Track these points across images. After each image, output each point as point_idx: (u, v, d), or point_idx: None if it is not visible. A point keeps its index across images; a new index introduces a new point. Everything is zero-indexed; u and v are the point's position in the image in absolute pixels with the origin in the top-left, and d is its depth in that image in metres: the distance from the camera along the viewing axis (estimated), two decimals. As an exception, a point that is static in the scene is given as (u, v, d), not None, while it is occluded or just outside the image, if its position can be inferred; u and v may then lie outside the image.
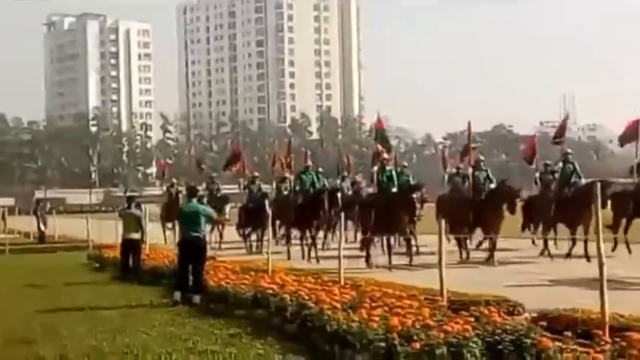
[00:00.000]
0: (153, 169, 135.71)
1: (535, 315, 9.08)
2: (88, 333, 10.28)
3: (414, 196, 18.63)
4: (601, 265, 7.95)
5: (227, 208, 25.45)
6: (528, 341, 7.43)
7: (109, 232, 22.10)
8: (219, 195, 27.33)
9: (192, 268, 13.22)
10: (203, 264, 13.47)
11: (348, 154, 34.38)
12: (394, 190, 19.11)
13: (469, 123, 22.48)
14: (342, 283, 11.97)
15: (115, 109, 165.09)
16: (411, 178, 22.54)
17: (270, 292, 11.06)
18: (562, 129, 21.82)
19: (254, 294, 11.41)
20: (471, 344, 7.27)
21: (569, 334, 7.28)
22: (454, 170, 22.60)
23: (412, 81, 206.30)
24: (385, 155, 20.26)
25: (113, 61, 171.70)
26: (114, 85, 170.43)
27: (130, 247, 17.15)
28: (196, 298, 12.77)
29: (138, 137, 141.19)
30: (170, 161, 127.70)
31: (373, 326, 7.88)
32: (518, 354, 7.45)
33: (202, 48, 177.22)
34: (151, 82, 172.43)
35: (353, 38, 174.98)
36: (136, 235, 17.24)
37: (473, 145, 22.04)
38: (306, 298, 10.03)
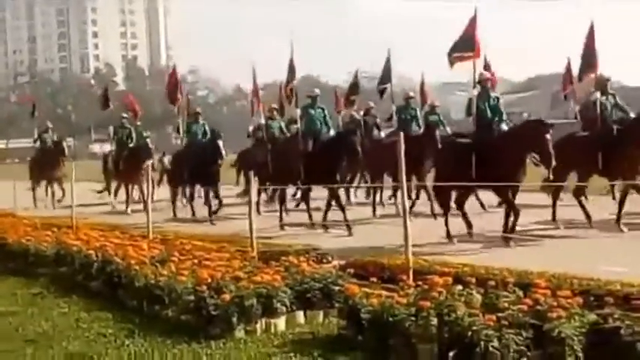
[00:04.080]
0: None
1: (343, 262, 9.27)
2: None
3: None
4: (405, 211, 8.19)
5: (148, 163, 19.06)
6: (336, 288, 7.63)
7: None
8: (132, 144, 21.83)
9: None
10: None
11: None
12: (503, 126, 13.22)
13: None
14: (151, 237, 11.72)
15: None
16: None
17: (75, 248, 10.63)
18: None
19: (57, 251, 10.93)
20: (280, 294, 7.34)
21: (375, 279, 7.47)
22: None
23: (221, 32, 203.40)
24: (487, 74, 13.96)
25: None
26: None
27: None
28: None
29: None
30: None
31: (182, 280, 7.75)
32: (327, 301, 7.64)
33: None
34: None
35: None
36: None
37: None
38: (113, 253, 9.72)
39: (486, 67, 16.13)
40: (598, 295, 6.79)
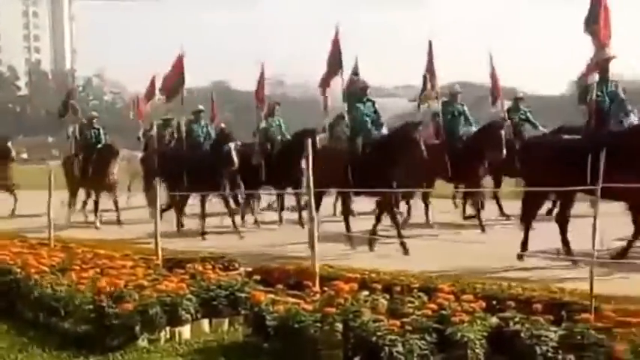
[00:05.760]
0: None
1: (250, 269, 9.20)
2: None
3: None
4: (312, 219, 8.19)
5: (114, 165, 17.98)
6: (242, 295, 7.56)
7: None
8: (100, 144, 18.99)
9: None
10: None
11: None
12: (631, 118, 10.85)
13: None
14: (52, 245, 11.39)
15: None
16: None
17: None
18: None
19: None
20: (185, 302, 7.22)
21: (281, 286, 7.43)
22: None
23: (127, 37, 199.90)
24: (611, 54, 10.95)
25: None
26: None
27: None
28: None
29: None
30: None
31: (81, 289, 7.53)
32: (233, 308, 7.57)
33: None
34: None
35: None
36: None
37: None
38: (12, 262, 9.38)
39: None
40: (500, 299, 6.91)
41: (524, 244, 10.78)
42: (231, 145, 15.02)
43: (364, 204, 14.90)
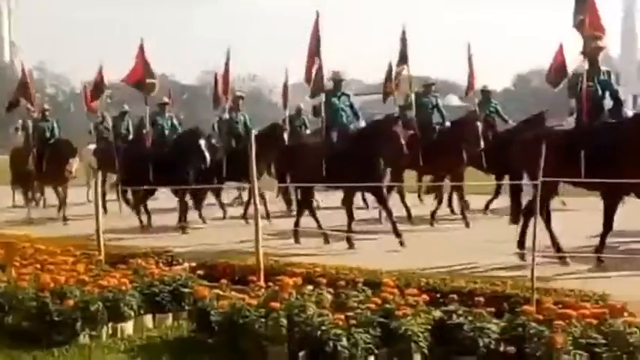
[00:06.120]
0: None
1: (194, 264, 9.12)
2: None
3: None
4: (257, 212, 8.15)
5: (73, 163, 16.84)
6: (186, 290, 7.51)
7: None
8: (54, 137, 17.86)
9: None
10: None
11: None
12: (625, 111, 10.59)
13: None
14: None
15: None
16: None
17: None
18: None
19: None
20: (127, 297, 7.14)
21: (225, 281, 7.40)
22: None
23: (69, 32, 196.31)
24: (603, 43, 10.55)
25: None
26: None
27: None
28: None
29: None
30: None
31: (23, 285, 7.39)
32: (177, 303, 7.51)
33: None
34: None
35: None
36: None
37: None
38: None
39: None
40: (444, 293, 6.97)
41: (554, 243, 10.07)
42: (202, 142, 14.59)
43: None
